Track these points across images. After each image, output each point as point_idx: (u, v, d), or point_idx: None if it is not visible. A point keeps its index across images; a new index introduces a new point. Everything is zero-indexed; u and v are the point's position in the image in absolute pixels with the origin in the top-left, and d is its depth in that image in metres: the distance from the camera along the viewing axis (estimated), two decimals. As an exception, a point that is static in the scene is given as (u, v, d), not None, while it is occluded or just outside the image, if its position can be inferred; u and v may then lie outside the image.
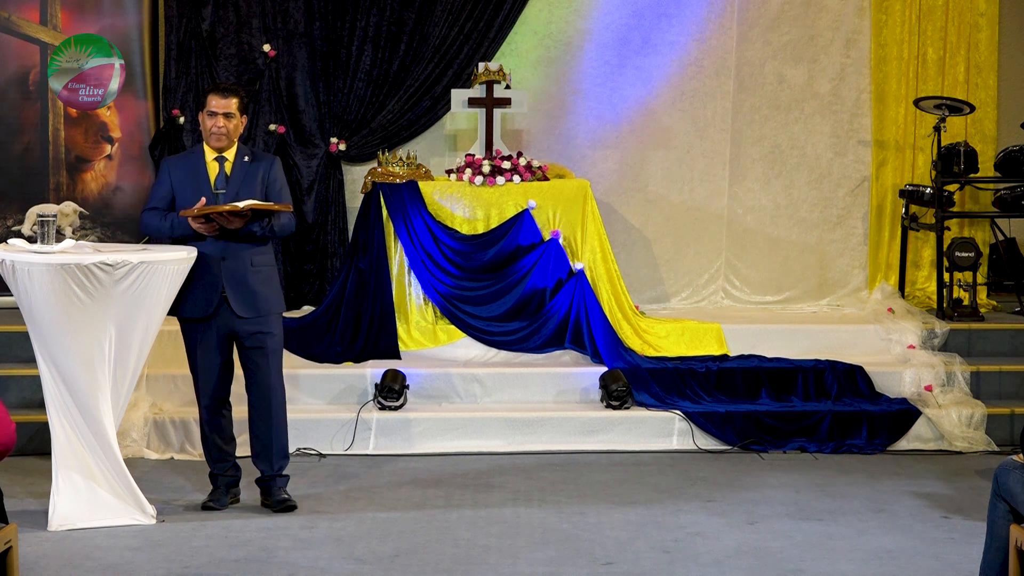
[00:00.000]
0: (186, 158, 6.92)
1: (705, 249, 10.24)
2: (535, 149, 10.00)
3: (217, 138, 6.78)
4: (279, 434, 6.84)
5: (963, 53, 10.15)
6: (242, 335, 6.75)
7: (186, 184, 6.76)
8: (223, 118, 6.76)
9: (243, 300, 6.72)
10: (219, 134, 6.77)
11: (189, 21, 9.78)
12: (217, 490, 6.91)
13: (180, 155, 7.10)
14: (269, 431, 6.81)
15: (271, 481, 6.86)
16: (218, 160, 6.81)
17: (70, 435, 6.50)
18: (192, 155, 6.89)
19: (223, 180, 6.78)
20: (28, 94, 9.93)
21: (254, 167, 6.84)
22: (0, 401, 5.57)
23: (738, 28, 10.14)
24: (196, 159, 6.84)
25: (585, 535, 6.46)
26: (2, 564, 5.00)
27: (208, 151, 6.83)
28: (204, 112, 6.80)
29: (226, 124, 6.76)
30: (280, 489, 6.86)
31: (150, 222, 6.81)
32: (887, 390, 8.63)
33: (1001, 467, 5.17)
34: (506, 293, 9.01)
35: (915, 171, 10.13)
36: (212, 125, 6.76)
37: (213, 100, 6.77)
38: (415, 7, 9.85)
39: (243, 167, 6.82)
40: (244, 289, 6.72)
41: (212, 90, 6.83)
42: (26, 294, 6.35)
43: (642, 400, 8.43)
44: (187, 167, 6.82)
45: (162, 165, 6.92)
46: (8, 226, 9.86)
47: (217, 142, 6.79)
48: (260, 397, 6.80)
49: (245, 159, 6.85)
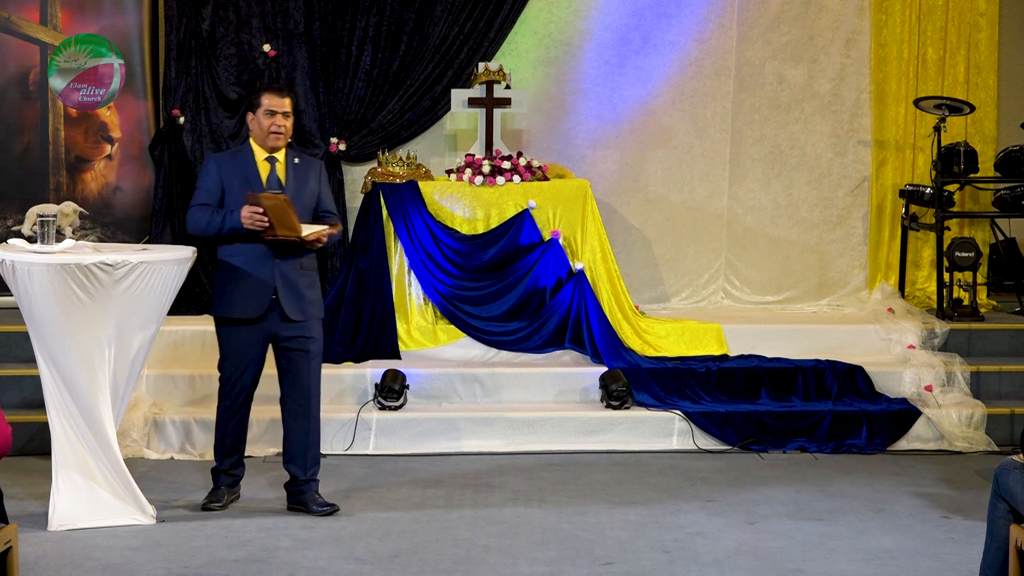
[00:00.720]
0: (234, 156, 6.76)
1: (705, 249, 10.24)
2: (535, 149, 10.01)
3: (276, 138, 6.65)
4: (316, 440, 6.79)
5: (963, 53, 10.15)
6: (284, 338, 6.67)
7: (236, 183, 6.62)
8: (282, 117, 6.64)
9: (294, 303, 6.64)
10: (278, 133, 6.64)
11: (189, 21, 9.79)
12: (218, 490, 6.87)
13: (227, 153, 6.93)
14: (307, 436, 6.75)
15: (305, 486, 6.79)
16: (269, 160, 6.69)
17: (70, 435, 6.49)
18: (240, 153, 6.74)
19: (276, 182, 6.66)
20: (28, 94, 9.94)
21: (303, 169, 6.75)
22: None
23: (738, 28, 10.14)
24: (246, 158, 6.70)
25: (585, 535, 6.46)
26: (2, 564, 5.00)
27: (258, 151, 6.70)
28: (259, 112, 6.64)
29: (284, 123, 6.65)
30: (316, 494, 6.80)
31: (200, 218, 6.63)
32: (887, 390, 8.63)
33: (1001, 467, 5.18)
34: (506, 293, 9.02)
35: (915, 171, 10.13)
36: (271, 124, 6.62)
37: (271, 99, 6.64)
38: (415, 7, 9.86)
39: (295, 169, 6.72)
40: (295, 292, 6.65)
41: (267, 90, 6.69)
42: (26, 294, 6.35)
43: (642, 400, 8.43)
44: (236, 165, 6.68)
45: (209, 161, 6.78)
46: (8, 226, 9.86)
47: (275, 142, 6.66)
48: (299, 401, 6.74)
49: (295, 161, 6.75)
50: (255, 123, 6.68)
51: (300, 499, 6.81)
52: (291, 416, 6.77)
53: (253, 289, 6.59)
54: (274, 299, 6.60)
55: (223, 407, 6.80)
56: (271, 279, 6.59)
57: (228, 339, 6.71)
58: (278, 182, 6.66)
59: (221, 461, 6.87)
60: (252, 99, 6.70)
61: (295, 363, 6.71)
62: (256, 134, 6.69)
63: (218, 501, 6.83)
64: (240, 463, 6.91)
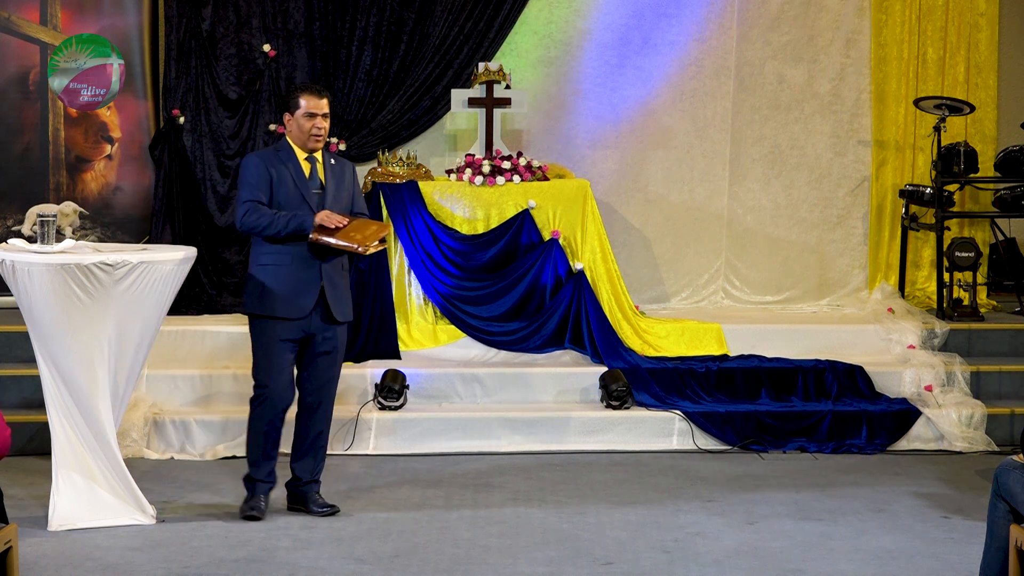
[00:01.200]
0: (276, 154, 6.65)
1: (705, 249, 10.24)
2: (535, 149, 10.01)
3: (316, 140, 6.62)
4: (325, 442, 6.79)
5: (963, 53, 10.15)
6: (316, 339, 6.62)
7: (284, 181, 6.57)
8: (322, 119, 6.61)
9: (339, 304, 6.63)
10: (318, 136, 6.61)
11: (189, 21, 9.78)
12: (255, 497, 6.70)
13: (268, 151, 6.76)
14: (319, 438, 6.74)
15: (307, 487, 6.77)
16: (309, 160, 6.66)
17: (70, 435, 6.49)
18: (281, 152, 6.65)
19: (318, 182, 6.64)
20: (28, 94, 9.94)
21: (339, 170, 6.72)
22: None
23: (738, 28, 10.14)
24: (287, 156, 6.63)
25: (585, 535, 6.46)
26: (2, 564, 5.00)
27: (298, 151, 6.66)
28: (298, 114, 6.59)
29: (324, 125, 6.61)
30: (317, 495, 6.78)
31: (260, 217, 6.51)
32: (887, 390, 8.63)
33: (1001, 467, 5.17)
34: (506, 293, 9.02)
35: (915, 171, 10.13)
36: (312, 126, 6.59)
37: (310, 101, 6.59)
38: (415, 7, 9.86)
39: (332, 170, 6.70)
40: (339, 293, 6.65)
41: (305, 90, 6.64)
42: (26, 294, 6.35)
43: (642, 400, 8.43)
44: (280, 164, 6.61)
45: (253, 159, 6.64)
46: (8, 226, 9.86)
47: (316, 144, 6.63)
48: (318, 403, 6.70)
49: (332, 162, 6.72)
50: (293, 124, 6.63)
51: (301, 499, 6.79)
52: (307, 417, 6.73)
53: (301, 288, 6.54)
54: (320, 298, 6.56)
55: (259, 414, 6.64)
56: (318, 279, 6.57)
57: (264, 337, 6.58)
58: (319, 183, 6.64)
59: (257, 468, 6.71)
60: (290, 100, 6.64)
61: (319, 365, 6.68)
62: (295, 135, 6.65)
63: (258, 509, 6.67)
64: (274, 471, 6.76)
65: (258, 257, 6.61)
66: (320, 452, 6.78)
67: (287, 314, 6.54)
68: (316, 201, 6.59)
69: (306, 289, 6.55)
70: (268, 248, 6.57)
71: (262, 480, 6.71)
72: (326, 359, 6.68)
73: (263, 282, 6.56)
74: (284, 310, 6.54)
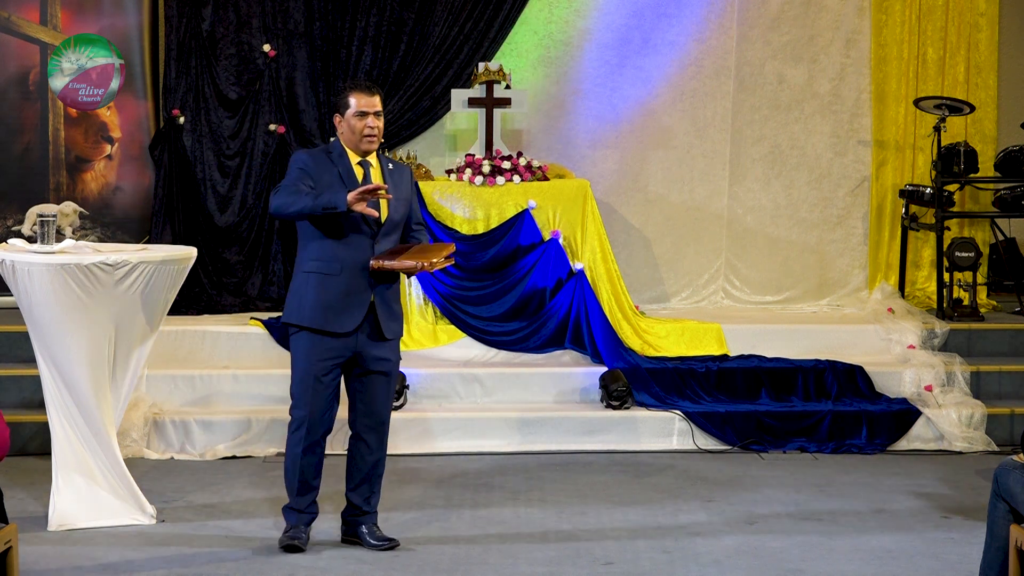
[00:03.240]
0: (326, 155, 6.06)
1: (705, 249, 10.24)
2: (535, 149, 10.01)
3: (370, 140, 6.02)
4: (382, 470, 6.21)
5: (963, 53, 10.15)
6: (368, 358, 6.01)
7: (334, 184, 5.95)
8: (374, 117, 6.01)
9: (389, 321, 6.05)
10: (372, 136, 6.02)
11: (189, 21, 9.79)
12: (297, 527, 6.16)
13: (317, 151, 6.13)
14: (376, 466, 6.16)
15: (364, 517, 6.22)
16: (362, 165, 6.06)
17: (70, 435, 6.49)
18: (332, 154, 6.05)
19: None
20: (28, 94, 9.93)
21: (397, 176, 6.12)
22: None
23: (738, 28, 10.14)
24: (339, 159, 6.03)
25: (585, 535, 6.46)
26: (2, 564, 5.00)
27: (351, 155, 6.06)
28: (348, 114, 6.00)
29: (377, 123, 6.03)
30: (375, 527, 6.23)
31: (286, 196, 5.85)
32: (887, 390, 8.63)
33: (1001, 467, 5.17)
34: (506, 293, 9.01)
35: (915, 171, 10.13)
36: (364, 126, 5.99)
37: (362, 99, 6.00)
38: (415, 7, 9.86)
39: (391, 175, 6.10)
40: (389, 308, 6.06)
41: (356, 88, 6.05)
42: (26, 294, 6.35)
43: (642, 400, 8.43)
44: (330, 167, 6.01)
45: (303, 158, 6.03)
46: (8, 226, 9.86)
47: (370, 144, 6.03)
48: (373, 427, 6.11)
49: (389, 167, 6.14)
50: (344, 125, 6.04)
51: (357, 531, 6.23)
52: (362, 443, 6.12)
53: (349, 301, 5.95)
54: (369, 314, 5.99)
55: (297, 439, 6.05)
56: (368, 291, 5.97)
57: (305, 357, 5.99)
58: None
59: (299, 499, 6.14)
60: (339, 100, 6.06)
61: (372, 386, 6.07)
62: (347, 137, 6.05)
63: (299, 539, 6.13)
64: (316, 502, 6.21)
65: (303, 263, 6.04)
66: (376, 482, 6.19)
67: (330, 328, 5.94)
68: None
69: (355, 303, 5.95)
70: (316, 253, 5.97)
71: (303, 511, 6.17)
72: (376, 380, 6.08)
73: (307, 290, 5.97)
74: (327, 323, 5.94)
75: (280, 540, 6.18)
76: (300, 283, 6.02)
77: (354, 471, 6.18)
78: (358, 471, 6.16)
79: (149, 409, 8.16)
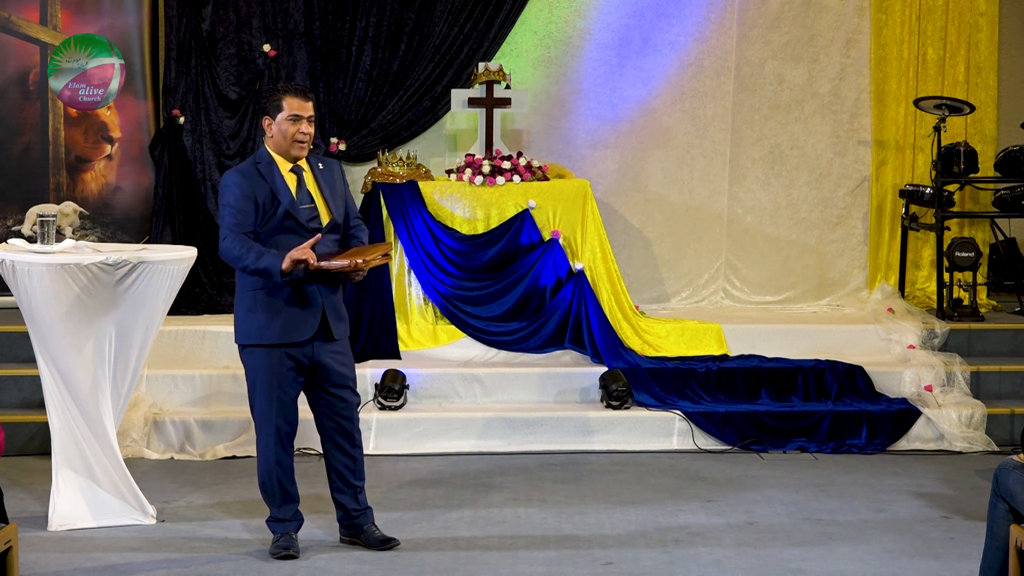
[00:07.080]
0: (255, 170, 5.96)
1: (705, 249, 10.25)
2: (535, 149, 10.01)
3: (300, 147, 5.96)
4: (362, 466, 6.21)
5: (963, 53, 10.15)
6: (324, 364, 5.99)
7: (269, 201, 5.90)
8: (307, 123, 5.97)
9: (338, 322, 6.04)
10: (302, 142, 5.96)
11: (189, 21, 9.79)
12: (285, 535, 6.12)
13: (246, 166, 6.03)
14: (356, 462, 6.17)
15: (360, 516, 6.22)
16: (295, 171, 6.00)
17: (70, 435, 6.49)
18: (261, 165, 5.96)
19: (307, 195, 5.98)
20: (28, 94, 9.94)
21: (328, 175, 6.10)
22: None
23: (738, 28, 10.14)
24: (268, 170, 5.94)
25: (585, 535, 6.46)
26: (2, 564, 5.00)
27: (281, 161, 5.99)
28: (280, 117, 5.94)
29: (309, 130, 5.99)
30: (373, 525, 6.23)
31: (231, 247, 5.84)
32: (887, 390, 8.63)
33: (1001, 467, 5.18)
34: (506, 293, 9.02)
35: (915, 171, 10.13)
36: (296, 131, 5.94)
37: (295, 103, 5.95)
38: (415, 7, 9.86)
39: (323, 176, 6.06)
40: (337, 311, 6.05)
41: (289, 92, 5.98)
42: (26, 294, 6.35)
43: (642, 400, 8.43)
44: (261, 181, 5.92)
45: (235, 179, 5.92)
46: (8, 226, 9.86)
47: (300, 151, 5.97)
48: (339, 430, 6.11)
49: (320, 167, 6.09)
50: (275, 128, 5.97)
51: (355, 532, 6.23)
52: (332, 445, 6.13)
53: (301, 310, 5.92)
54: (323, 320, 5.96)
55: (269, 456, 6.03)
56: (318, 296, 5.96)
57: (268, 374, 5.95)
58: (309, 196, 6.00)
59: (281, 510, 6.13)
60: (270, 101, 6.00)
61: (332, 390, 6.06)
62: (276, 141, 5.99)
63: (292, 547, 6.08)
64: (298, 509, 6.20)
65: (250, 281, 5.95)
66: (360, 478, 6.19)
67: (289, 339, 5.91)
68: (307, 217, 5.94)
69: (308, 310, 5.93)
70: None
71: (289, 520, 6.16)
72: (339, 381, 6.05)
73: (258, 308, 5.92)
74: (284, 335, 5.91)
75: (272, 551, 6.11)
76: (249, 301, 5.96)
77: (334, 474, 6.19)
78: (338, 474, 6.17)
79: (149, 409, 8.16)
